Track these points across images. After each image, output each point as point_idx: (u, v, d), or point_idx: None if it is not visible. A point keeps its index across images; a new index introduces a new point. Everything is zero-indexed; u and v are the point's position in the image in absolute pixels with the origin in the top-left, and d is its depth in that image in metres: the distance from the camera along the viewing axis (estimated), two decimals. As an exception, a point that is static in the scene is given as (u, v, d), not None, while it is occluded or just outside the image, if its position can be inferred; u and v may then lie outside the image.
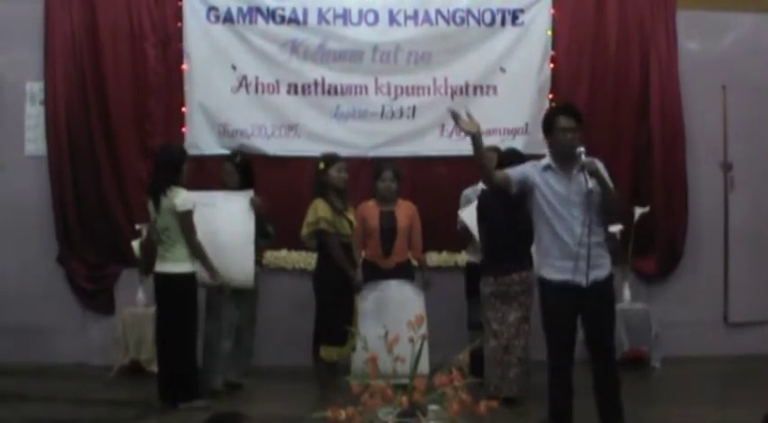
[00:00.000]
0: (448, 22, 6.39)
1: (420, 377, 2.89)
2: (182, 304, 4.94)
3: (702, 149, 6.56)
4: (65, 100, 6.25)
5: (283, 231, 5.77)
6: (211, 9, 6.29)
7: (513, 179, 4.18)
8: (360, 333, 4.81)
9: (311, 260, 5.94)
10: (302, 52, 6.32)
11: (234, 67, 6.30)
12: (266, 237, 5.61)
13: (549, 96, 6.38)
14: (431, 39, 6.37)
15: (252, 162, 5.66)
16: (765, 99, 6.56)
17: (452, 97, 6.36)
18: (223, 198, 5.37)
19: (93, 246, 6.33)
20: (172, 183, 4.96)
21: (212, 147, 6.23)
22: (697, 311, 6.47)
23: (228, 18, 6.30)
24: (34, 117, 6.34)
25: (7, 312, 6.05)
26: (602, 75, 6.47)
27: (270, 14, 6.31)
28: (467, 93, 6.39)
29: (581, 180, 4.08)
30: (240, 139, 6.26)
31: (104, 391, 5.55)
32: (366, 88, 6.36)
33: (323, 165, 5.43)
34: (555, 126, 4.17)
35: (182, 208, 4.91)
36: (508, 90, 6.38)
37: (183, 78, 6.27)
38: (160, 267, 5.03)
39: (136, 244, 6.00)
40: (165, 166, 5.03)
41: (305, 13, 6.31)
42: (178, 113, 6.28)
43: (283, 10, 6.30)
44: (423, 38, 6.37)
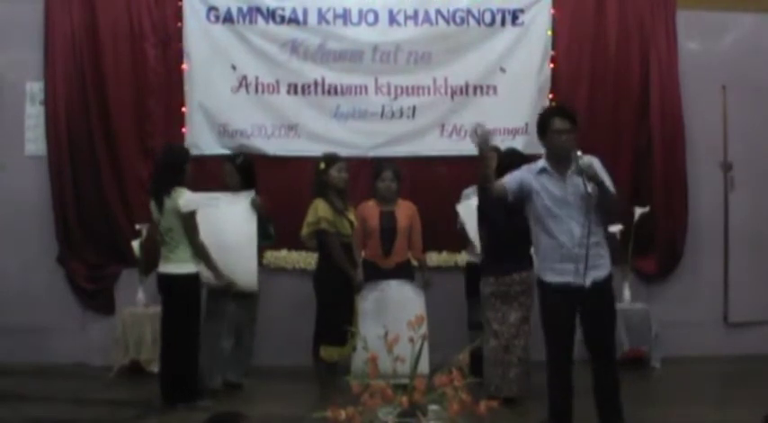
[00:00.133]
0: (448, 22, 6.39)
1: (420, 377, 2.89)
2: (185, 305, 4.93)
3: (702, 149, 6.56)
4: (65, 100, 6.24)
5: (283, 231, 5.77)
6: (211, 9, 6.28)
7: (509, 189, 4.19)
8: (360, 333, 4.81)
9: (311, 260, 5.95)
10: (302, 52, 6.32)
11: (234, 67, 6.29)
12: (267, 238, 5.61)
13: (549, 96, 6.38)
14: (431, 39, 6.37)
15: (253, 163, 5.65)
16: (765, 99, 6.56)
17: (452, 97, 6.38)
18: (225, 199, 5.37)
19: (93, 246, 6.33)
20: (175, 183, 4.94)
21: (212, 147, 6.23)
22: (697, 311, 6.47)
23: (228, 18, 6.30)
24: (34, 117, 6.34)
25: (7, 312, 6.05)
26: (602, 75, 6.47)
27: (270, 14, 6.31)
28: (467, 93, 6.39)
29: (577, 182, 4.07)
30: (240, 139, 6.26)
31: (104, 391, 5.55)
32: (366, 88, 6.36)
33: (323, 165, 5.43)
34: (549, 128, 4.17)
35: (185, 209, 4.90)
36: (508, 90, 6.38)
37: (183, 78, 6.27)
38: (163, 268, 5.01)
39: (136, 244, 6.00)
40: (169, 166, 5.01)
41: (305, 13, 6.31)
42: (178, 113, 6.28)
43: (283, 10, 6.30)
44: (423, 38, 6.36)
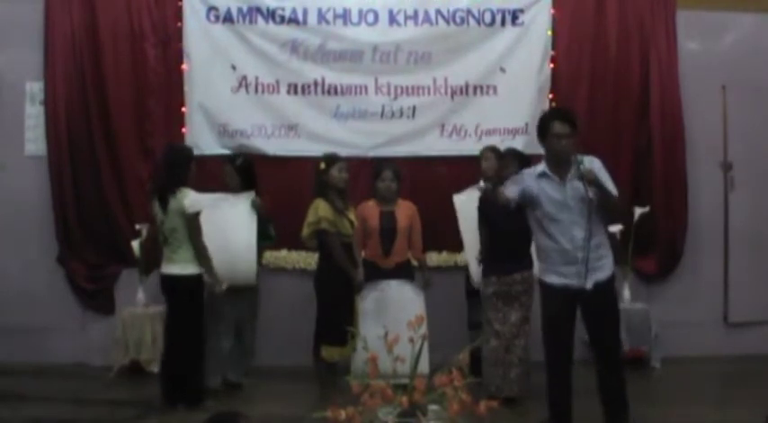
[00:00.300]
0: (448, 22, 6.39)
1: (420, 377, 2.90)
2: (189, 306, 4.92)
3: (702, 149, 6.56)
4: (65, 100, 6.24)
5: (283, 231, 5.77)
6: (211, 9, 6.28)
7: (511, 200, 4.25)
8: (360, 333, 4.81)
9: (311, 260, 5.95)
10: (302, 52, 6.31)
11: (234, 67, 6.29)
12: (268, 238, 5.61)
13: (549, 96, 6.38)
14: (431, 39, 6.36)
15: (254, 164, 5.65)
16: (765, 99, 6.56)
17: (452, 97, 6.37)
18: (225, 200, 5.36)
19: (93, 246, 6.32)
20: (180, 183, 4.93)
21: (212, 147, 6.22)
22: (697, 311, 6.47)
23: (228, 18, 6.30)
24: (34, 117, 6.34)
25: (7, 312, 6.05)
26: (602, 75, 6.46)
27: (270, 14, 6.30)
28: (467, 93, 6.39)
29: (578, 186, 4.09)
30: (240, 139, 6.26)
31: (104, 391, 5.55)
32: (366, 88, 6.35)
33: (324, 165, 5.43)
34: (549, 131, 4.18)
35: (191, 209, 4.88)
36: (508, 90, 6.38)
37: (183, 78, 6.26)
38: (166, 269, 4.99)
39: (136, 244, 6.00)
40: (174, 166, 4.98)
41: (305, 13, 6.30)
42: (178, 113, 6.27)
43: (283, 10, 6.29)
44: (423, 38, 6.36)
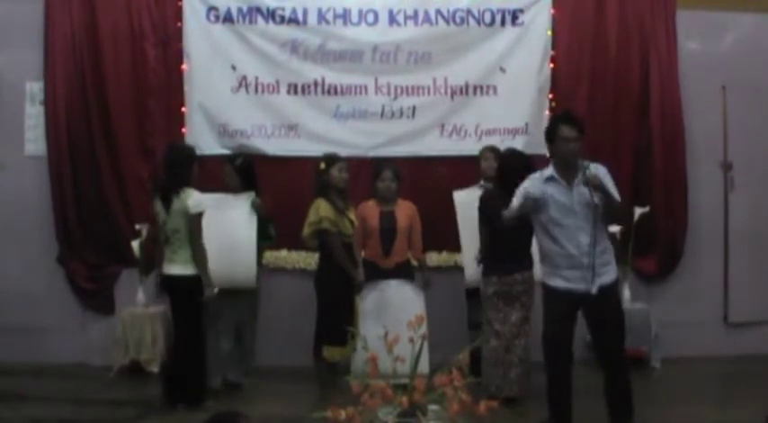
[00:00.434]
0: (448, 22, 6.38)
1: (420, 377, 2.90)
2: (190, 306, 4.92)
3: (702, 149, 6.56)
4: (65, 100, 6.23)
5: (283, 231, 5.77)
6: (211, 9, 6.28)
7: (522, 211, 4.32)
8: (360, 333, 4.81)
9: (311, 260, 5.95)
10: (302, 52, 6.31)
11: (234, 68, 6.28)
12: (268, 238, 5.60)
13: (549, 96, 6.38)
14: (431, 39, 6.36)
15: (254, 164, 5.64)
16: (765, 99, 6.56)
17: (452, 97, 6.37)
18: (226, 202, 5.36)
19: (93, 246, 6.32)
20: (184, 184, 4.92)
21: (212, 147, 6.21)
22: (697, 311, 6.47)
23: (228, 18, 6.29)
24: (34, 117, 6.33)
25: (7, 312, 6.05)
26: (602, 75, 6.46)
27: (270, 14, 6.30)
28: (467, 93, 6.39)
29: (583, 191, 4.11)
30: (240, 139, 6.26)
31: (104, 391, 5.54)
32: (366, 88, 6.35)
33: (324, 165, 5.43)
34: (557, 135, 4.20)
35: (195, 210, 4.87)
36: (508, 90, 6.37)
37: (183, 78, 6.26)
38: (168, 269, 4.98)
39: (136, 244, 6.00)
40: (178, 165, 4.97)
41: (305, 13, 6.30)
42: (178, 113, 6.27)
43: (283, 10, 6.29)
44: (423, 38, 6.36)
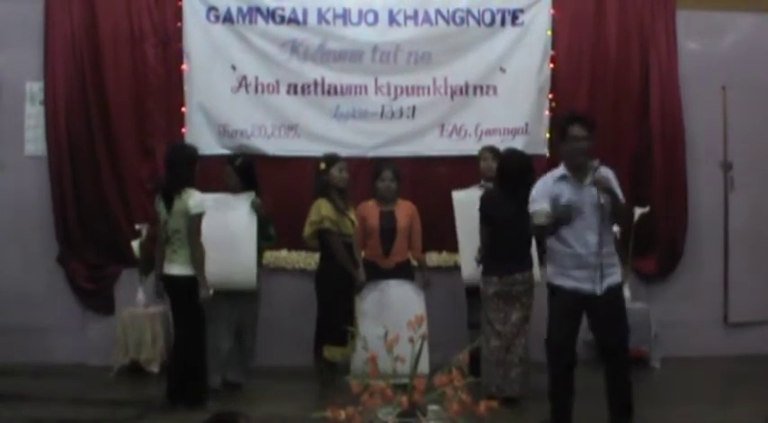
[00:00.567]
0: (448, 22, 6.38)
1: (420, 377, 2.90)
2: (190, 306, 4.91)
3: (702, 149, 6.56)
4: (65, 100, 6.24)
5: (284, 231, 5.77)
6: (211, 9, 6.28)
7: (549, 218, 4.21)
8: (360, 333, 4.81)
9: (311, 260, 5.95)
10: (302, 52, 6.31)
11: (234, 68, 6.28)
12: (268, 238, 5.60)
13: (549, 96, 6.38)
14: (431, 39, 6.36)
15: (254, 164, 5.63)
16: (765, 99, 6.56)
17: (452, 97, 6.37)
18: (225, 202, 5.36)
19: (93, 246, 6.32)
20: (186, 184, 4.91)
21: (212, 147, 6.21)
22: (697, 311, 6.47)
23: (228, 18, 6.29)
24: (34, 117, 6.33)
25: (7, 312, 6.04)
26: (602, 75, 6.47)
27: (270, 14, 6.30)
28: (467, 93, 6.39)
29: (593, 191, 4.14)
30: (240, 139, 6.26)
31: (104, 391, 5.54)
32: (366, 88, 6.35)
33: (324, 165, 5.43)
34: (568, 134, 4.24)
35: (196, 210, 4.86)
36: (508, 90, 6.37)
37: (182, 78, 6.26)
38: (168, 269, 4.97)
39: (136, 244, 6.00)
40: (179, 166, 4.96)
41: (305, 13, 6.30)
42: (178, 113, 6.27)
43: (283, 10, 6.29)
44: (423, 38, 6.36)
